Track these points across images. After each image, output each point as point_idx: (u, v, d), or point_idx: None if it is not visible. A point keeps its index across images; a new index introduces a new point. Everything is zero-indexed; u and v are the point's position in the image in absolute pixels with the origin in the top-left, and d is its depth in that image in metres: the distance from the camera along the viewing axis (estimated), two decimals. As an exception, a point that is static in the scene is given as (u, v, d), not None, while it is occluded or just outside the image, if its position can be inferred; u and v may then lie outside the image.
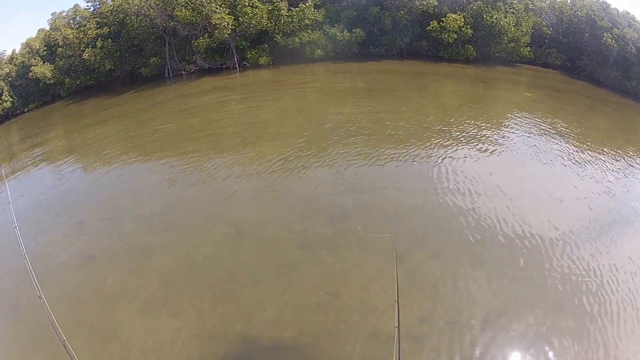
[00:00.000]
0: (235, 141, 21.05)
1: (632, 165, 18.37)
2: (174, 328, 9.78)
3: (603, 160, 18.52)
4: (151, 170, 19.26)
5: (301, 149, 18.77)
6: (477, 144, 18.90)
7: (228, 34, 34.21)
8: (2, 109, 41.08)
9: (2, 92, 41.78)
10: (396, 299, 6.34)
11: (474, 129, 20.98)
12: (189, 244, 12.91)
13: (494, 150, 18.40)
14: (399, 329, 5.76)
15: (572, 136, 21.67)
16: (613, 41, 35.76)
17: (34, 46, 41.57)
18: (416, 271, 10.70)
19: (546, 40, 43.37)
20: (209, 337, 9.45)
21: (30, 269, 7.28)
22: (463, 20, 38.37)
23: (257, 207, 14.49)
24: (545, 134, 21.44)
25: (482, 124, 22.00)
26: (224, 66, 35.56)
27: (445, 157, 17.34)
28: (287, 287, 10.69)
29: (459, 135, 19.97)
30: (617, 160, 18.78)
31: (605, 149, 20.05)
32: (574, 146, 20.09)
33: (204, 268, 11.78)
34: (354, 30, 35.74)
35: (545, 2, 46.45)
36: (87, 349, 9.43)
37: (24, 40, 43.49)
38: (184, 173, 18.07)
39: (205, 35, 34.74)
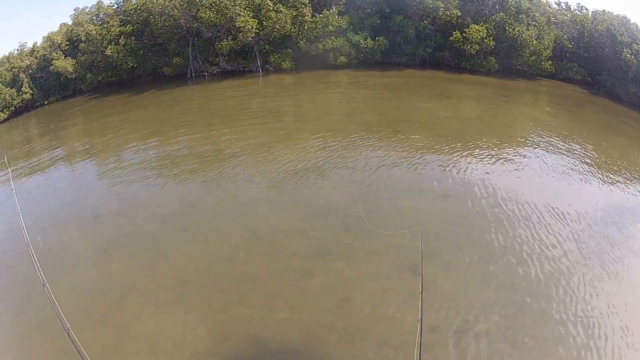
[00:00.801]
0: (256, 145, 21.14)
1: None
2: (187, 325, 9.90)
3: (618, 179, 18.54)
4: (171, 170, 19.41)
5: (320, 155, 18.87)
6: (493, 158, 18.94)
7: (252, 38, 34.25)
8: (21, 101, 41.35)
9: (22, 83, 42.03)
10: (420, 291, 6.27)
11: (491, 143, 20.96)
12: (206, 245, 13.06)
13: (509, 165, 18.41)
14: (421, 322, 5.71)
15: (588, 154, 21.58)
16: (632, 57, 35.54)
17: (55, 40, 41.76)
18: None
19: (567, 55, 43.12)
20: (220, 336, 9.60)
21: (33, 256, 7.22)
22: (486, 31, 38.24)
23: (274, 212, 14.63)
24: (563, 151, 21.33)
25: (500, 138, 22.02)
26: (246, 69, 35.62)
27: (458, 168, 17.49)
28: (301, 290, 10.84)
29: (475, 148, 19.96)
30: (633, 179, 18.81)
31: (622, 168, 20.00)
32: (589, 164, 20.04)
33: (219, 269, 11.94)
34: (377, 38, 35.72)
35: (567, 16, 46.23)
36: (95, 341, 9.46)
37: (46, 34, 43.87)
38: (203, 175, 18.21)
39: (229, 38, 34.80)
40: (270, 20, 34.16)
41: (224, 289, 11.14)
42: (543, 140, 22.79)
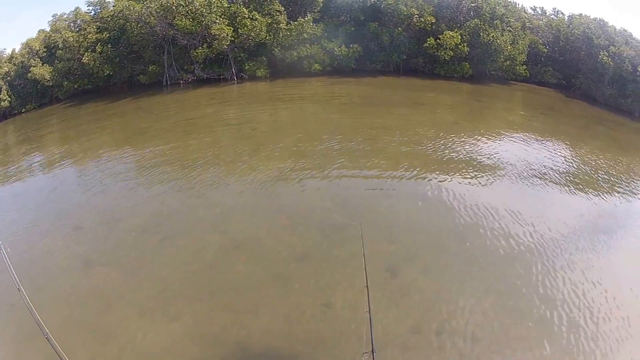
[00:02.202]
0: (232, 153, 21.46)
1: (622, 184, 18.98)
2: (171, 332, 10.11)
3: (596, 179, 19.20)
4: (148, 179, 19.55)
5: (296, 162, 19.22)
6: (469, 162, 19.41)
7: (227, 45, 34.57)
8: (-1, 108, 41.39)
9: (0, 90, 41.98)
10: (365, 285, 6.70)
11: (466, 147, 21.46)
12: (187, 253, 13.26)
13: (485, 169, 18.82)
14: (369, 313, 6.09)
15: (564, 155, 22.18)
16: (609, 59, 36.25)
17: (34, 47, 41.69)
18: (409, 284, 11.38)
19: (542, 59, 43.91)
20: (205, 343, 9.81)
21: (6, 258, 7.06)
22: (460, 37, 38.83)
23: (253, 219, 14.94)
24: (537, 153, 21.84)
25: (475, 142, 22.51)
26: (221, 77, 35.92)
27: (434, 176, 17.88)
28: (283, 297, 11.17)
29: (451, 152, 20.44)
30: (609, 179, 19.41)
31: (598, 168, 20.68)
32: (566, 165, 20.68)
33: (201, 276, 12.16)
34: (351, 45, 36.14)
35: (542, 20, 46.98)
36: (78, 349, 9.63)
37: (24, 40, 43.76)
38: (180, 184, 18.46)
39: (204, 46, 35.07)
40: (245, 28, 34.49)
41: (207, 296, 11.36)
42: (517, 143, 23.33)
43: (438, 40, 38.36)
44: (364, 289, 6.76)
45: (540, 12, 47.92)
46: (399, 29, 37.48)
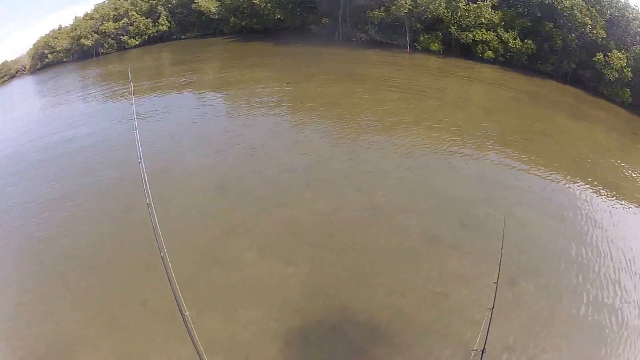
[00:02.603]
0: (393, 119, 21.20)
1: None
2: (286, 274, 10.12)
3: None
4: (306, 127, 19.64)
5: (452, 143, 18.78)
6: (613, 192, 17.93)
7: (404, 13, 34.47)
8: (157, 31, 42.67)
9: (160, 15, 43.38)
10: (495, 281, 6.32)
11: (615, 179, 19.99)
12: (326, 203, 13.23)
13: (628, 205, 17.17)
14: (492, 311, 5.70)
15: None
16: None
17: (200, -20, 42.89)
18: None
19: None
20: (314, 292, 9.77)
21: (144, 176, 6.92)
22: (626, 60, 37.45)
23: (398, 189, 14.66)
24: None
25: (625, 175, 21.07)
26: (394, 43, 35.82)
27: (576, 193, 16.83)
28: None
29: (599, 180, 18.78)
30: None
31: None
32: None
33: (333, 232, 11.96)
34: (525, 40, 35.37)
35: None
36: (188, 270, 9.83)
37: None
38: (335, 138, 18.39)
39: (382, 9, 35.11)
40: (424, 0, 34.29)
41: (333, 251, 11.26)
42: None
43: (606, 58, 37.09)
44: (493, 285, 6.32)
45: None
46: (572, 35, 36.45)
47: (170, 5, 42.60)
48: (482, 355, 5.18)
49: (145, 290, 9.50)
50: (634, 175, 21.94)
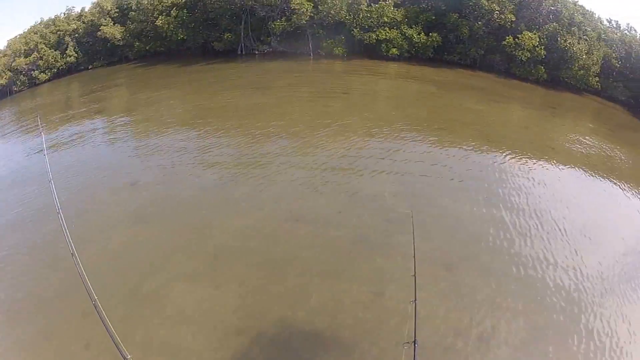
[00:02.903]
0: (302, 128, 20.90)
1: None
2: (216, 299, 9.89)
3: None
4: (215, 143, 19.23)
5: (364, 144, 18.70)
6: (532, 168, 18.43)
7: (306, 21, 34.05)
8: (65, 63, 41.42)
9: (67, 46, 42.12)
10: (413, 274, 6.51)
11: (534, 153, 20.35)
12: (246, 221, 12.94)
13: (548, 177, 17.78)
14: (415, 303, 5.96)
15: (628, 177, 20.68)
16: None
17: (105, 6, 41.84)
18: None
19: (614, 73, 42.42)
20: (247, 315, 9.57)
21: (63, 224, 7.03)
22: (538, 40, 37.75)
23: (315, 195, 14.51)
24: (603, 170, 20.40)
25: (543, 149, 21.44)
26: (298, 52, 35.36)
27: (496, 172, 17.10)
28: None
29: (517, 156, 19.33)
30: None
31: None
32: (629, 187, 19.11)
33: (257, 245, 11.82)
34: (430, 34, 35.31)
35: (616, 34, 45.61)
36: (121, 307, 9.52)
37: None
38: (247, 151, 18.11)
39: (283, 19, 34.63)
40: (325, 5, 33.98)
41: (257, 267, 11.11)
42: (583, 158, 21.86)
43: (516, 40, 37.31)
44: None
45: (615, 26, 46.48)
46: (479, 23, 36.59)
47: (77, 35, 41.38)
48: (414, 346, 5.40)
49: (85, 336, 9.04)
50: (554, 149, 22.21)
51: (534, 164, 18.88)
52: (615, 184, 18.66)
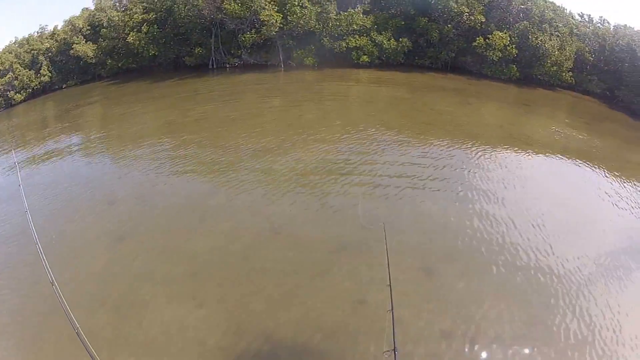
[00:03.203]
0: (274, 139, 20.96)
1: None
2: (197, 317, 9.85)
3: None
4: (189, 158, 19.27)
5: (336, 155, 18.70)
6: (509, 165, 18.76)
7: (275, 32, 34.13)
8: (39, 83, 41.35)
9: (41, 66, 42.03)
10: (388, 284, 6.66)
11: (509, 151, 20.77)
12: (223, 237, 12.90)
13: (525, 173, 18.11)
14: (392, 312, 6.06)
15: (606, 168, 21.10)
16: (652, 73, 35.06)
17: (77, 24, 41.74)
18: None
19: (587, 67, 42.83)
20: (231, 332, 9.53)
21: (42, 254, 7.10)
22: (509, 39, 38.06)
23: (293, 208, 14.49)
24: (578, 162, 20.93)
25: (518, 146, 21.74)
26: (269, 63, 35.48)
27: (472, 174, 17.27)
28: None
29: (492, 153, 19.73)
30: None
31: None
32: (606, 177, 19.59)
33: (235, 261, 11.82)
34: (400, 39, 35.52)
35: (589, 28, 46.00)
36: (104, 330, 9.52)
37: (67, 18, 43.85)
38: (221, 165, 18.09)
39: (253, 31, 34.69)
40: (294, 16, 34.03)
41: (238, 281, 11.09)
42: (559, 152, 22.20)
43: (487, 40, 37.59)
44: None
45: (587, 20, 46.87)
46: (449, 26, 36.83)
47: (50, 54, 41.28)
48: (395, 354, 5.50)
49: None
50: (530, 145, 22.44)
51: (510, 161, 19.29)
52: (594, 176, 19.06)
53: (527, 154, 20.58)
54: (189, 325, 9.75)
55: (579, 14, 47.26)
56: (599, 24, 47.35)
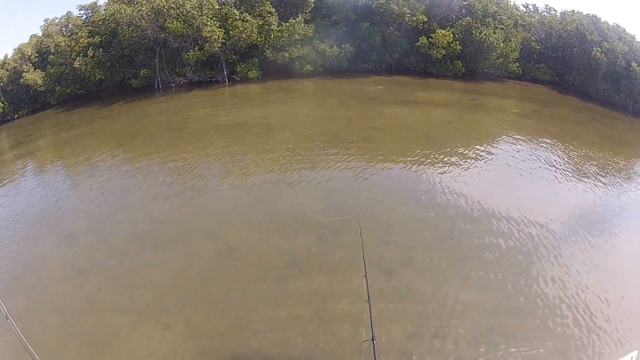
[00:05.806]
0: (224, 156, 21.37)
1: (618, 177, 19.18)
2: (164, 341, 10.00)
3: (591, 173, 19.26)
4: (141, 184, 19.48)
5: (290, 165, 19.20)
6: (463, 160, 19.46)
7: (218, 48, 34.50)
8: (-8, 114, 41.21)
9: (-7, 97, 41.87)
10: (364, 274, 6.87)
11: (460, 146, 21.42)
12: (180, 260, 13.13)
13: (480, 166, 18.91)
14: (369, 302, 6.22)
15: (560, 151, 22.10)
16: (602, 55, 36.04)
17: (26, 52, 41.54)
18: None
19: (535, 56, 43.81)
20: (199, 352, 9.72)
21: None
22: (452, 36, 38.84)
23: (247, 224, 14.77)
24: (532, 149, 21.85)
25: (469, 141, 22.45)
26: (213, 79, 35.85)
27: (428, 172, 18.02)
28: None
29: (444, 152, 20.37)
30: (606, 172, 19.53)
31: (593, 162, 20.75)
32: (562, 160, 20.64)
33: (195, 284, 12.04)
34: (343, 45, 36.11)
35: (534, 17, 46.97)
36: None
37: (16, 46, 43.62)
38: (173, 188, 18.36)
39: (196, 48, 35.00)
40: (236, 30, 34.42)
41: (201, 303, 11.28)
42: (510, 141, 23.23)
43: (430, 39, 38.34)
44: (371, 278, 6.92)
45: (532, 9, 47.88)
46: (391, 28, 37.46)
47: (1, 84, 41.15)
48: (373, 343, 5.59)
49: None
50: (479, 138, 23.41)
51: (462, 155, 20.00)
52: (548, 162, 20.01)
53: (478, 148, 21.24)
54: (158, 351, 9.82)
55: (523, 5, 48.18)
56: (545, 12, 48.41)
